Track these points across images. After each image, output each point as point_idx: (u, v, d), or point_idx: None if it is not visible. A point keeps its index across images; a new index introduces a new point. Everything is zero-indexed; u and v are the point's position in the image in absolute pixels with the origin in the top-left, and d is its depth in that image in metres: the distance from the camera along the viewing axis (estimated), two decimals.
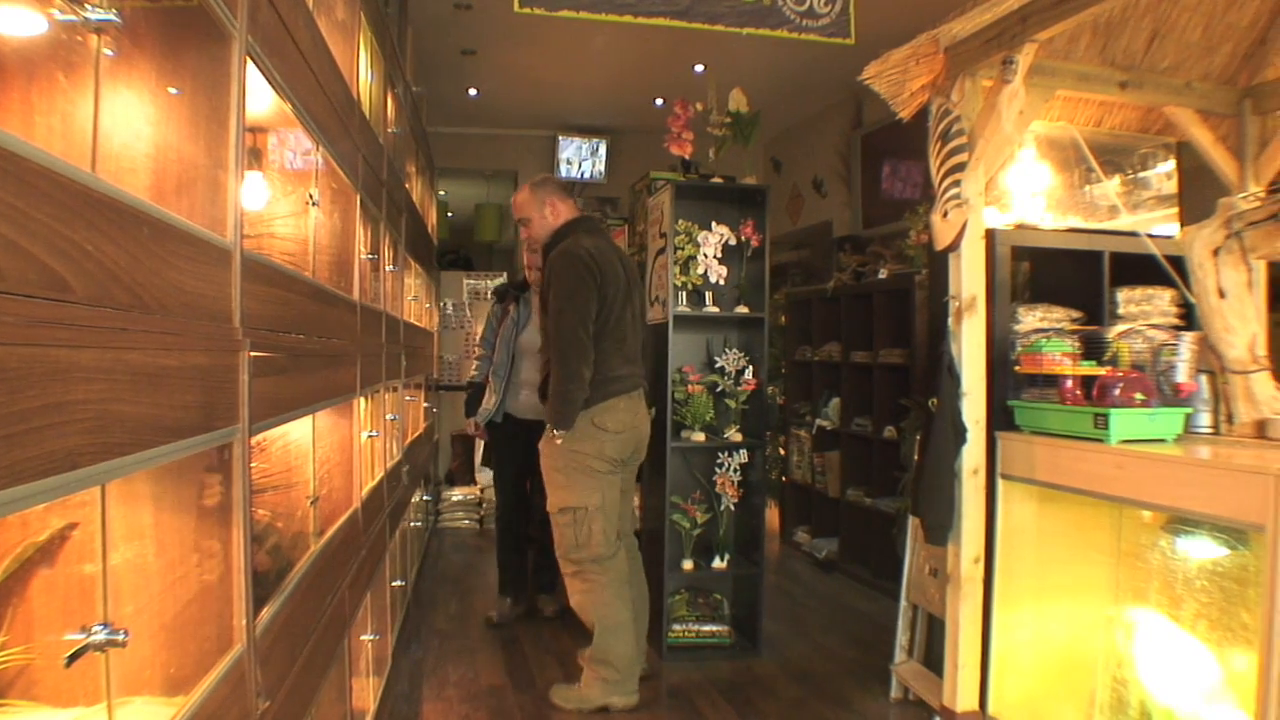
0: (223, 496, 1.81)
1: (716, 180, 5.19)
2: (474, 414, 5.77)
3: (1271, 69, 4.38)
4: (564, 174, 10.61)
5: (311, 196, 2.66)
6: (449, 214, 12.73)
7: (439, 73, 8.57)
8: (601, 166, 10.75)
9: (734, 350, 5.22)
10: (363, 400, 3.57)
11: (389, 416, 4.50)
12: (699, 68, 8.12)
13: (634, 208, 9.47)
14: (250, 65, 1.92)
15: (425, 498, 7.44)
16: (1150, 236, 4.18)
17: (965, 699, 3.81)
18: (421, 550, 7.05)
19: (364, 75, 3.82)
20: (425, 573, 6.88)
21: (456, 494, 8.91)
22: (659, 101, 9.10)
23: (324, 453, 3.02)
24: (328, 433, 3.12)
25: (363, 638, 3.64)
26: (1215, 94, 4.38)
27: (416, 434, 6.27)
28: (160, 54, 1.74)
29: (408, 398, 5.78)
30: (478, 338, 5.97)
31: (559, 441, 4.28)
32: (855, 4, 5.47)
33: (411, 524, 6.02)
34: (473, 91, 9.34)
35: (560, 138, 10.65)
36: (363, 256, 3.57)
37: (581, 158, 10.73)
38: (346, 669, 3.19)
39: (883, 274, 6.86)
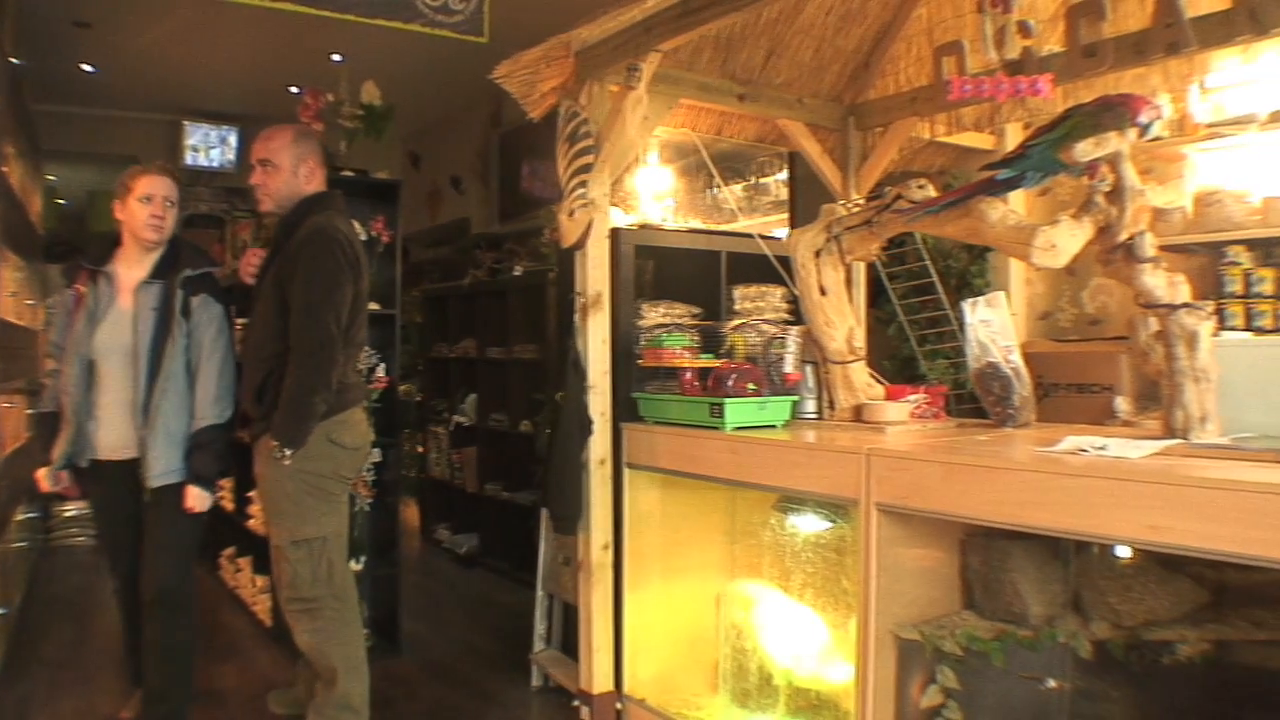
0: None
1: (347, 173, 5.09)
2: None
3: (873, 90, 4.79)
4: (190, 162, 10.06)
5: None
6: (59, 201, 11.81)
7: (48, 45, 7.92)
8: (232, 155, 10.24)
9: (364, 348, 5.13)
10: None
11: None
12: (337, 57, 7.95)
13: None
14: None
15: (32, 514, 6.85)
16: (765, 238, 4.47)
17: (601, 681, 3.95)
18: (28, 573, 6.50)
19: None
20: (33, 597, 6.32)
21: (69, 509, 8.20)
22: (295, 89, 8.81)
23: None
24: None
25: None
26: (824, 110, 4.74)
27: (17, 444, 5.70)
28: None
29: (5, 404, 5.12)
30: (47, 345, 4.05)
31: (287, 462, 3.48)
32: (490, 2, 5.52)
33: (14, 544, 5.50)
34: (88, 68, 8.70)
35: (187, 123, 10.09)
36: None
37: (209, 145, 10.18)
38: None
39: (518, 271, 6.96)
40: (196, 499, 3.72)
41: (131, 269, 3.80)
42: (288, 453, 3.47)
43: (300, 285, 3.49)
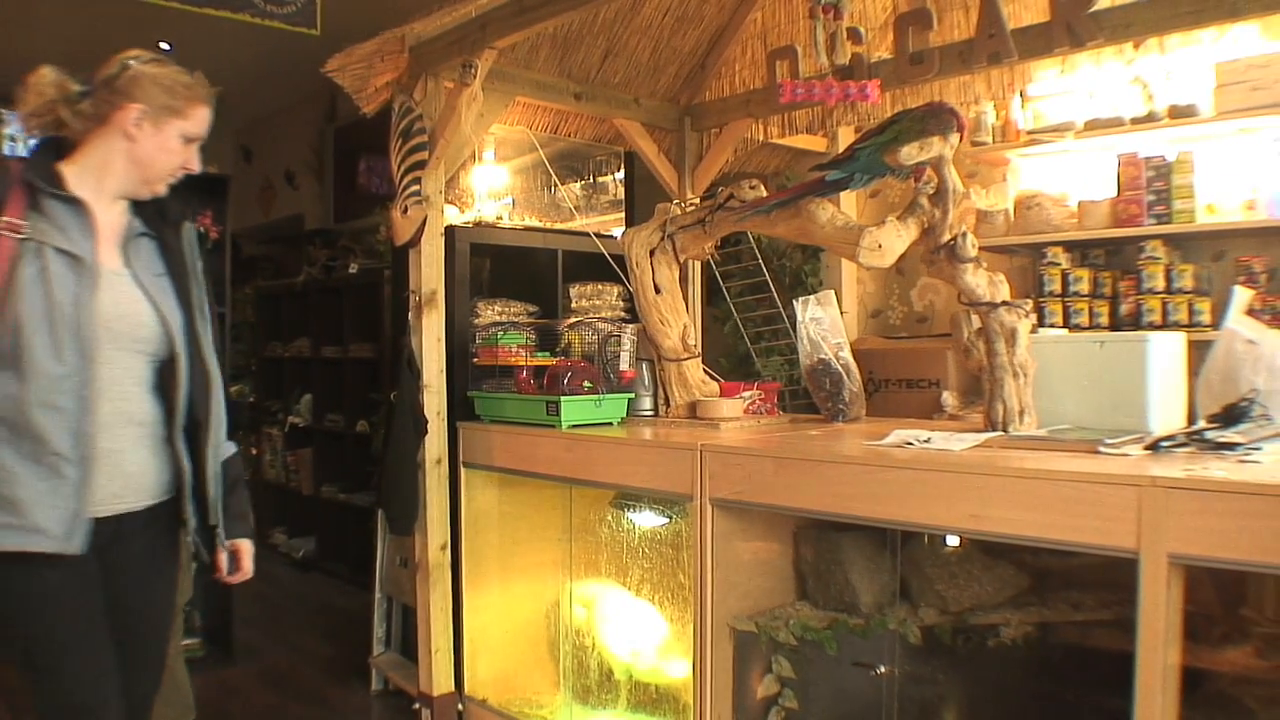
0: None
1: None
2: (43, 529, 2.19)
3: (709, 91, 4.85)
4: (9, 152, 9.55)
5: None
6: None
7: None
8: None
9: None
10: None
11: None
12: (165, 45, 7.67)
13: None
14: None
15: None
16: (601, 237, 4.49)
17: (441, 682, 3.91)
18: None
19: None
20: None
21: None
22: None
23: None
24: None
25: None
26: (660, 110, 4.77)
27: None
28: None
29: None
30: None
31: None
32: None
33: None
34: None
35: (4, 112, 9.60)
36: None
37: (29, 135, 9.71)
38: None
39: (353, 268, 6.85)
40: (251, 559, 2.69)
41: (106, 210, 2.38)
42: None
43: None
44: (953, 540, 2.93)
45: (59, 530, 2.18)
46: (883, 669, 2.92)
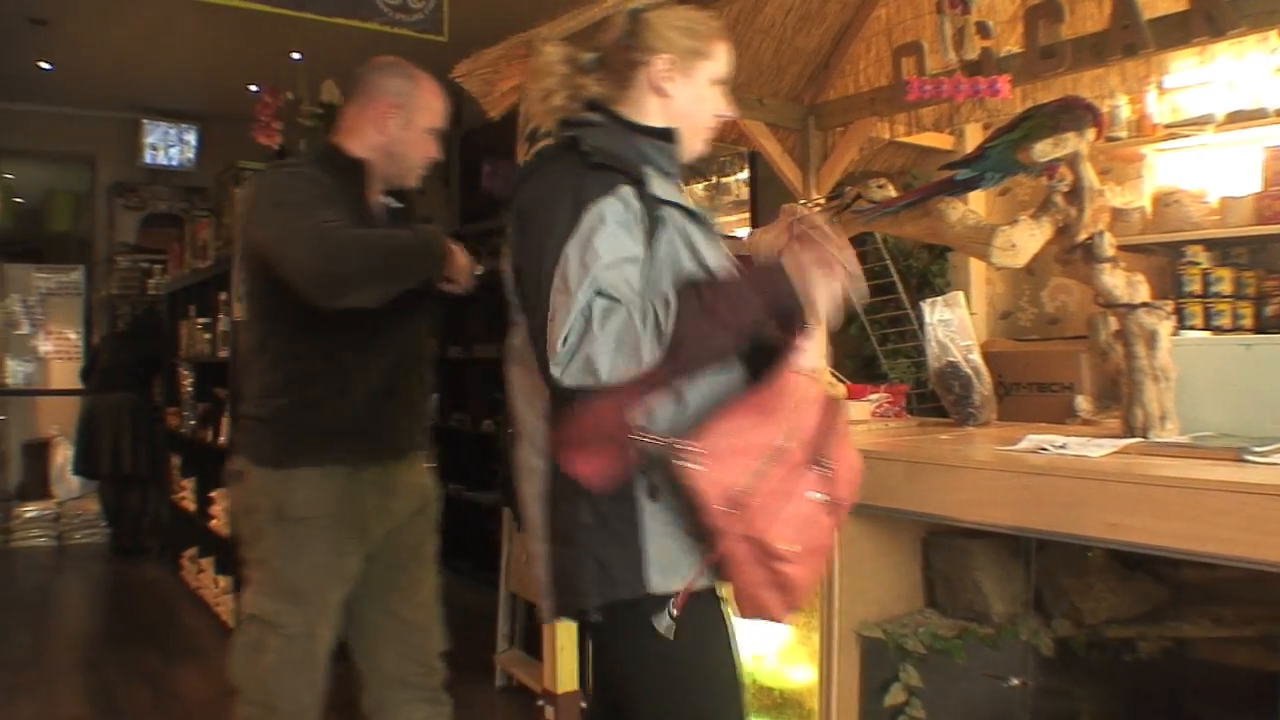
0: None
1: None
2: None
3: (832, 90, 4.80)
4: (149, 160, 9.93)
5: None
6: (15, 199, 11.64)
7: (4, 43, 7.83)
8: (191, 154, 10.11)
9: None
10: None
11: None
12: (296, 55, 7.89)
13: (220, 199, 9.06)
14: None
15: None
16: (726, 238, 4.47)
17: (565, 681, 3.93)
18: None
19: None
20: None
21: (30, 509, 8.14)
22: (254, 88, 8.74)
23: None
24: None
25: None
26: (784, 110, 4.74)
27: None
28: None
29: None
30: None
31: None
32: (449, 1, 5.49)
33: None
34: (45, 65, 8.59)
35: (145, 121, 9.96)
36: None
37: (169, 144, 10.03)
38: None
39: (479, 270, 6.93)
40: None
41: None
42: None
43: None
44: (1086, 549, 2.86)
45: None
46: (1015, 681, 2.85)
